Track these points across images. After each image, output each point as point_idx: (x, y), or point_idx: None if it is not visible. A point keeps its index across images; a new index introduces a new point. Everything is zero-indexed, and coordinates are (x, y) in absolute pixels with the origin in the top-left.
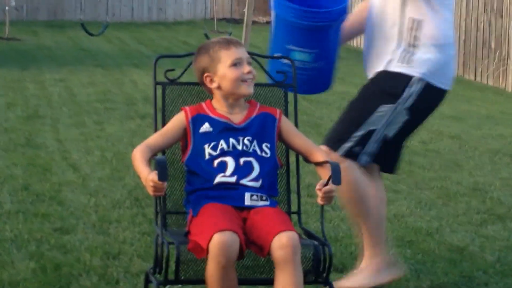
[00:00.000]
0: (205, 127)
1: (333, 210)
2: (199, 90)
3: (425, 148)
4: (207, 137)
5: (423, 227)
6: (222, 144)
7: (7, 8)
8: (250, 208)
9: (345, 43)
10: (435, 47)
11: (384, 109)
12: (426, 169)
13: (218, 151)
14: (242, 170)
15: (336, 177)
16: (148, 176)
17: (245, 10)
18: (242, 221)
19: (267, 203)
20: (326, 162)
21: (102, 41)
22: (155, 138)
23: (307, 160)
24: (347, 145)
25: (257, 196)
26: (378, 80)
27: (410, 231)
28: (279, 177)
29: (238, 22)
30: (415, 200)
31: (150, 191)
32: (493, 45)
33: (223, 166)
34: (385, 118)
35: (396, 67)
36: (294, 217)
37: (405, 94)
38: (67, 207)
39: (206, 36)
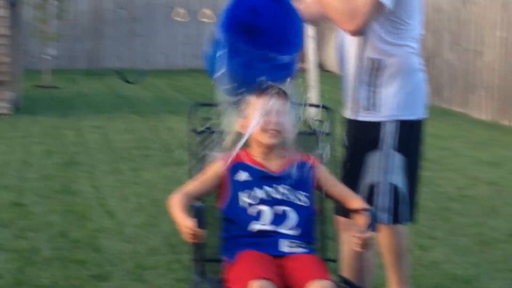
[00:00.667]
0: (242, 175)
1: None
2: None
3: (461, 194)
4: (244, 185)
5: (460, 275)
6: (258, 192)
7: (46, 56)
8: (286, 255)
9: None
10: (398, 79)
11: (373, 158)
12: (462, 215)
13: (254, 200)
14: (278, 219)
15: (372, 224)
16: (187, 223)
17: None
18: (279, 268)
19: (305, 250)
20: (362, 209)
21: (139, 88)
22: (193, 186)
23: (344, 207)
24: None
25: (293, 243)
26: (352, 131)
27: (447, 278)
28: (316, 224)
29: None
30: (451, 247)
31: (188, 238)
32: None
33: (259, 215)
34: (379, 166)
35: (363, 116)
36: (332, 265)
37: (383, 137)
38: (104, 253)
39: None
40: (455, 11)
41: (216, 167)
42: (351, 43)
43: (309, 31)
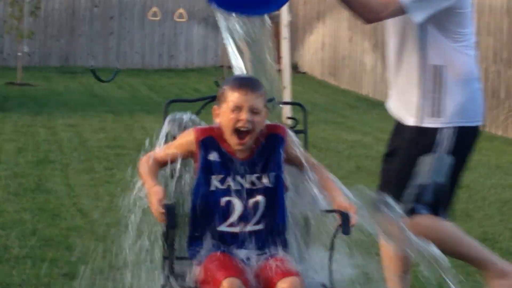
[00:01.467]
0: (214, 156)
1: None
2: None
3: None
4: (215, 167)
5: (432, 278)
6: (229, 181)
7: (19, 53)
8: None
9: None
10: (460, 86)
11: (426, 160)
12: None
13: (225, 186)
14: (248, 214)
15: (345, 226)
16: (157, 200)
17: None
18: (247, 269)
19: (269, 255)
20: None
21: (113, 87)
22: (162, 155)
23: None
24: (407, 206)
25: (258, 250)
26: (409, 136)
27: (418, 281)
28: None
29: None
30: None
31: (156, 215)
32: (502, 95)
33: (229, 208)
34: (430, 168)
35: (427, 123)
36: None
37: (439, 141)
38: (75, 252)
39: (217, 83)
40: None
41: (187, 139)
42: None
43: (284, 33)
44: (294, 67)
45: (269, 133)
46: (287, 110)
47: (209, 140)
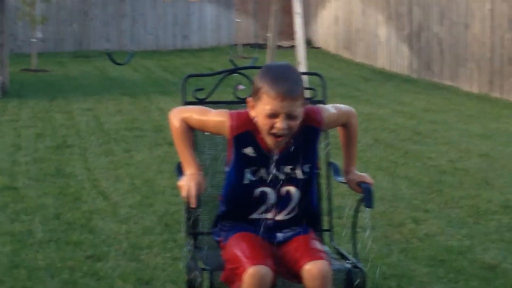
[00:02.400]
0: (248, 149)
1: (363, 231)
2: (228, 109)
3: (454, 167)
4: (249, 161)
5: (454, 246)
6: (263, 172)
7: (34, 40)
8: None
9: None
10: None
11: None
12: (455, 188)
13: (257, 177)
14: (280, 204)
15: (368, 200)
16: (195, 190)
17: (269, 34)
18: (274, 252)
19: (299, 230)
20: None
21: (128, 69)
22: (193, 124)
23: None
24: None
25: (289, 229)
26: None
27: (442, 250)
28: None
29: (262, 47)
30: (445, 219)
31: (188, 199)
32: None
33: (263, 199)
34: None
35: None
36: (326, 237)
37: None
38: (98, 234)
39: (232, 62)
40: None
41: (222, 129)
42: None
43: (296, 8)
44: (308, 42)
45: (304, 124)
46: (304, 81)
47: (245, 135)
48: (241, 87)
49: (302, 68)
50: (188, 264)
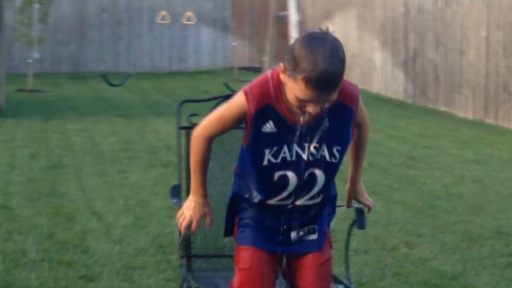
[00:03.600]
0: (268, 125)
1: (356, 255)
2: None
3: (447, 192)
4: (269, 140)
5: (447, 271)
6: (285, 152)
7: (30, 60)
8: (292, 253)
9: None
10: None
11: None
12: (449, 213)
13: (279, 160)
14: (303, 188)
15: (360, 221)
16: (194, 221)
17: (265, 58)
18: (283, 260)
19: (314, 237)
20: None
21: (123, 91)
22: (215, 128)
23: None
24: None
25: (304, 231)
26: None
27: (435, 274)
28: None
29: (258, 70)
30: (439, 244)
31: (180, 226)
32: None
33: (283, 183)
34: None
35: None
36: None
37: None
38: (92, 255)
39: (226, 85)
40: (439, 11)
41: (240, 110)
42: None
43: (292, 32)
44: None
45: (338, 100)
46: None
47: (264, 110)
48: None
49: None
50: (181, 285)
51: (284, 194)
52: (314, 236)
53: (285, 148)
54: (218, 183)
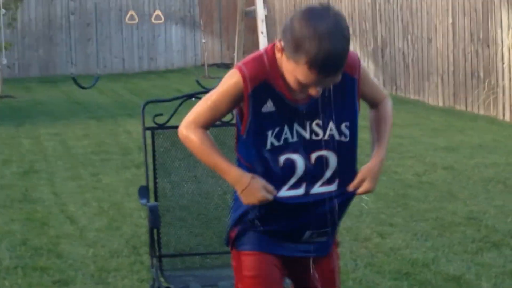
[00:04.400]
0: (269, 105)
1: None
2: None
3: (419, 181)
4: (270, 121)
5: (419, 259)
6: (286, 133)
7: None
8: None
9: None
10: None
11: None
12: (420, 201)
13: (282, 141)
14: (313, 174)
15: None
16: (255, 181)
17: (235, 54)
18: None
19: (324, 239)
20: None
21: (95, 93)
22: (207, 116)
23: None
24: None
25: (317, 233)
26: None
27: (407, 263)
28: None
29: (228, 66)
30: (411, 232)
31: (258, 197)
32: (482, 75)
33: (290, 168)
34: None
35: None
36: None
37: None
38: (66, 259)
39: (198, 82)
40: (406, 0)
41: (235, 89)
42: None
43: (260, 27)
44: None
45: None
46: None
47: (261, 88)
48: None
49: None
50: (152, 285)
51: (293, 180)
52: (324, 239)
53: (286, 129)
54: (191, 181)
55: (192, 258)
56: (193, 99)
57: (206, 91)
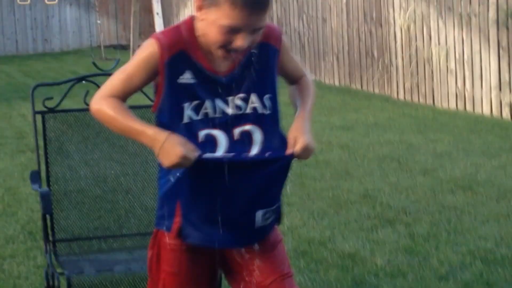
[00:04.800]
0: (186, 77)
1: None
2: (83, 117)
3: (315, 160)
4: (187, 92)
5: (315, 237)
6: (207, 107)
7: None
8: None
9: None
10: None
11: None
12: (317, 180)
13: (201, 115)
14: (237, 149)
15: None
16: (172, 137)
17: (131, 35)
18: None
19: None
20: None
21: None
22: (119, 89)
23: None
24: None
25: (270, 212)
26: None
27: (304, 242)
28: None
29: (125, 48)
30: (307, 211)
31: (177, 153)
32: (375, 54)
33: (210, 145)
34: None
35: None
36: None
37: None
38: None
39: (95, 64)
40: None
41: (150, 57)
42: None
43: (155, 8)
44: None
45: (262, 40)
46: None
47: (178, 58)
48: None
49: None
50: (46, 270)
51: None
52: (273, 217)
53: (207, 103)
54: (87, 165)
55: (89, 242)
56: (83, 82)
57: (104, 74)
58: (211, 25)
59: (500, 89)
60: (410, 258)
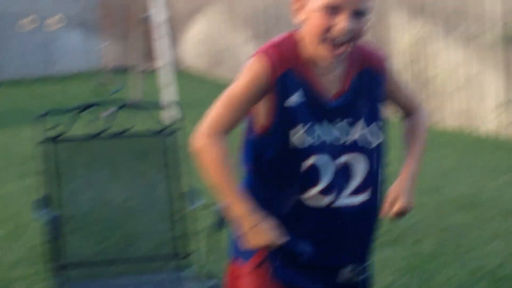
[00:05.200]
0: (294, 99)
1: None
2: (90, 145)
3: None
4: (295, 116)
5: None
6: (316, 132)
7: None
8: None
9: None
10: None
11: None
12: None
13: (309, 141)
14: (339, 182)
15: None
16: (266, 221)
17: (134, 59)
18: None
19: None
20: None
21: None
22: (227, 116)
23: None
24: None
25: (357, 270)
26: None
27: None
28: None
29: (129, 70)
30: None
31: (267, 239)
32: None
33: (314, 176)
34: None
35: None
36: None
37: None
38: None
39: (99, 88)
40: None
41: (259, 68)
42: None
43: (159, 31)
44: (175, 64)
45: (364, 65)
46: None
47: (286, 77)
48: (108, 112)
49: (172, 90)
50: None
51: (319, 187)
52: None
53: (316, 128)
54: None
55: (97, 267)
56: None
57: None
58: (312, 16)
59: (504, 108)
60: (417, 276)
